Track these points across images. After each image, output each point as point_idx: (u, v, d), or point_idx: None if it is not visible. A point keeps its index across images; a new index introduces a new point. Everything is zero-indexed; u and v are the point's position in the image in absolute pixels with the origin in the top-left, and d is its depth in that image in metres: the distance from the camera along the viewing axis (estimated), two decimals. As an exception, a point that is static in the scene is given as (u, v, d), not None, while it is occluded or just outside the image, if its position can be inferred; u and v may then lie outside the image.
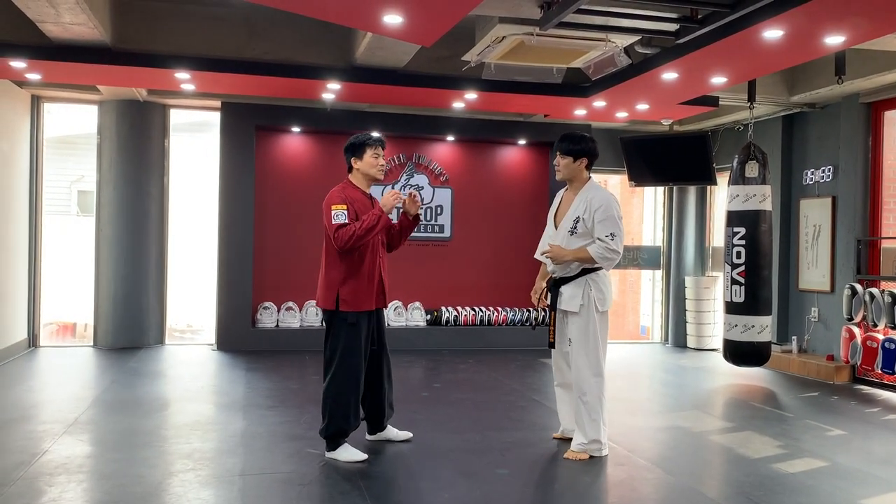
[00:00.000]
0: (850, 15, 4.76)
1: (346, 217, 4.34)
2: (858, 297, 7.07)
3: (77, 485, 3.91)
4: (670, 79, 6.57)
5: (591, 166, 4.71)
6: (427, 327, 9.27)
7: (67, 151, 12.03)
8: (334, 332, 4.45)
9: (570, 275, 4.57)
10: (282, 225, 9.10)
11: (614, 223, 4.47)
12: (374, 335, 4.59)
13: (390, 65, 7.03)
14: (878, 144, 7.52)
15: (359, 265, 4.43)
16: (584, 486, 4.15)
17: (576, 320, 4.54)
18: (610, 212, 4.48)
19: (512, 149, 9.86)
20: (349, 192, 4.51)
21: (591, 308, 4.52)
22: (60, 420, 5.23)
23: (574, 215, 4.57)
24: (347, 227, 4.31)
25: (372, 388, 4.65)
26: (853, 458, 4.73)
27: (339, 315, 4.41)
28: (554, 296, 4.61)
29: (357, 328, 4.41)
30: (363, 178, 4.58)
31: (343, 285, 4.40)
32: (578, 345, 4.54)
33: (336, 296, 4.40)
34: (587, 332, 4.53)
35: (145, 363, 7.67)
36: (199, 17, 6.95)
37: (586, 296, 4.52)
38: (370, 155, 4.52)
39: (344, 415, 4.41)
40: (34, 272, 8.50)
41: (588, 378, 4.52)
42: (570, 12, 4.70)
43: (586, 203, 4.54)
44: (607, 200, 4.52)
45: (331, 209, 4.37)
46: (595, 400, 4.52)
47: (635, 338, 11.11)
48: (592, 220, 4.48)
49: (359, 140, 4.53)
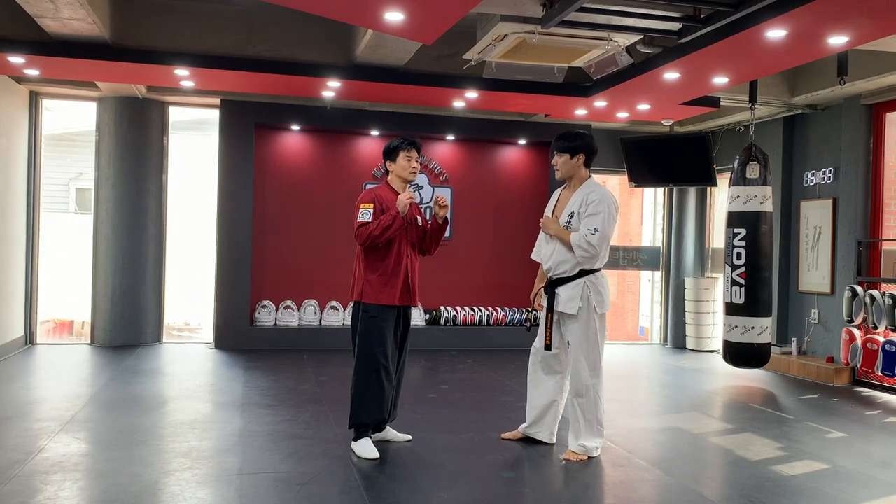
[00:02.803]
0: (855, 14, 4.74)
1: (371, 216, 4.50)
2: (859, 299, 7.05)
3: (73, 483, 3.88)
4: (672, 79, 6.55)
5: (590, 163, 4.66)
6: (426, 327, 9.24)
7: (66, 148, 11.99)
8: (358, 324, 4.57)
9: (567, 276, 4.51)
10: (281, 223, 9.07)
11: (602, 220, 4.41)
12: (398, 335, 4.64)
13: (391, 63, 7.00)
14: (880, 146, 7.50)
15: (383, 261, 4.55)
16: (583, 487, 4.13)
17: (574, 323, 4.49)
18: (601, 208, 4.43)
19: (512, 148, 9.84)
20: (381, 191, 4.66)
21: (590, 310, 4.47)
22: (57, 418, 5.20)
23: (570, 210, 4.55)
24: (366, 226, 4.48)
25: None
26: (853, 461, 4.71)
27: (361, 307, 4.55)
28: (550, 297, 4.57)
29: (377, 321, 4.48)
30: (397, 180, 4.73)
31: (367, 278, 4.54)
32: (577, 347, 4.50)
33: (361, 288, 4.55)
34: (586, 334, 4.48)
35: (143, 361, 7.64)
36: (199, 13, 6.93)
37: (585, 298, 4.47)
38: (403, 158, 4.68)
39: (364, 407, 4.46)
40: (31, 269, 8.47)
41: (587, 380, 4.49)
42: (573, 10, 4.67)
43: (583, 198, 4.51)
44: (605, 198, 4.47)
45: (359, 208, 4.55)
46: (592, 402, 4.50)
47: (634, 339, 11.09)
48: (585, 213, 4.46)
49: (393, 144, 4.71)
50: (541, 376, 4.75)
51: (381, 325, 4.48)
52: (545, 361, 4.71)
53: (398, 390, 4.76)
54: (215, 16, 6.95)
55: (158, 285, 8.88)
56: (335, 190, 9.15)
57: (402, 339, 4.67)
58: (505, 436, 4.92)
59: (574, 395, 4.53)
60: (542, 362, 4.73)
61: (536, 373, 4.77)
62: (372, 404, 4.45)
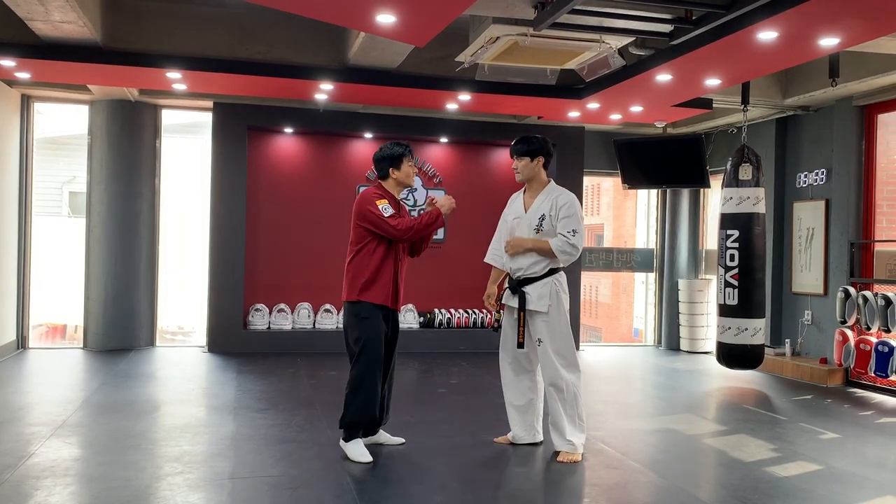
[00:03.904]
0: (846, 16, 4.75)
1: (392, 209, 4.52)
2: (852, 300, 7.07)
3: (63, 488, 3.85)
4: (664, 80, 6.56)
5: (548, 165, 4.76)
6: (420, 329, 9.23)
7: (59, 152, 11.96)
8: (352, 324, 4.55)
9: (536, 275, 4.59)
10: (274, 226, 9.05)
11: (577, 221, 4.56)
12: (387, 337, 4.61)
13: (383, 65, 7.00)
14: (872, 147, 7.52)
15: (379, 261, 4.53)
16: (576, 489, 4.12)
17: (545, 320, 4.56)
18: (573, 210, 4.58)
19: (505, 151, 9.81)
20: (383, 191, 4.66)
21: (559, 307, 4.57)
22: (48, 423, 5.17)
23: (539, 213, 4.62)
24: (406, 220, 4.52)
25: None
26: (847, 462, 4.71)
27: (355, 306, 4.53)
28: (521, 297, 4.60)
29: (369, 322, 4.47)
30: (396, 186, 4.73)
31: (363, 278, 4.52)
32: (549, 344, 4.55)
33: (353, 287, 4.53)
34: (557, 330, 4.57)
35: (135, 365, 7.60)
36: (192, 16, 6.91)
37: (555, 295, 4.57)
38: (407, 164, 4.71)
39: (357, 407, 4.43)
40: (23, 273, 8.42)
41: (564, 375, 4.53)
42: (564, 13, 4.67)
43: (552, 201, 4.61)
44: (572, 200, 4.63)
45: (375, 204, 4.50)
46: (572, 396, 4.55)
47: (628, 340, 11.11)
48: (557, 216, 4.55)
49: (397, 152, 4.68)
50: (512, 378, 4.79)
51: (376, 326, 4.48)
52: (516, 362, 4.76)
53: (389, 393, 4.75)
54: (207, 18, 6.94)
55: (151, 289, 8.85)
56: (328, 193, 9.13)
57: (391, 343, 4.65)
58: (497, 440, 4.92)
59: (554, 390, 4.55)
60: (513, 363, 4.77)
61: (507, 375, 4.81)
62: (366, 404, 4.43)
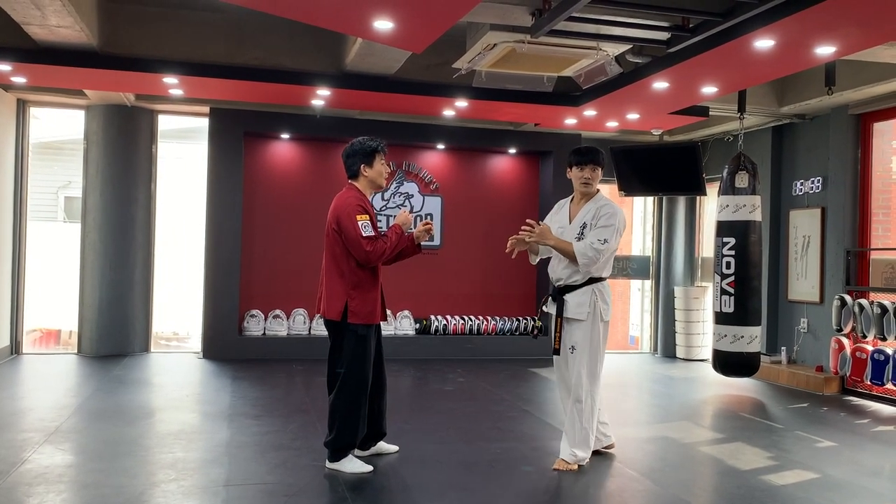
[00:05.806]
0: (842, 25, 4.76)
1: (372, 229, 4.25)
2: (848, 308, 7.07)
3: (56, 495, 3.82)
4: (661, 88, 6.57)
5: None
6: (416, 336, 9.21)
7: (54, 157, 11.92)
8: (342, 345, 4.35)
9: (577, 283, 4.58)
10: (270, 232, 9.04)
11: (612, 233, 4.51)
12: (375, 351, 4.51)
13: (380, 71, 7.00)
14: (867, 155, 7.54)
15: (367, 276, 4.34)
16: (572, 497, 4.10)
17: (580, 328, 4.55)
18: (612, 221, 4.53)
19: (502, 157, 9.84)
20: (364, 201, 4.38)
21: (596, 317, 4.57)
22: (41, 429, 5.14)
23: (582, 221, 4.61)
24: (379, 243, 4.24)
25: (370, 407, 4.52)
26: (843, 470, 4.70)
27: (349, 327, 4.30)
28: (560, 304, 4.60)
29: (366, 340, 4.34)
30: (369, 185, 4.48)
31: (352, 296, 4.29)
32: (581, 352, 4.55)
33: (344, 307, 4.28)
34: (591, 340, 4.56)
35: (130, 371, 7.57)
36: (188, 21, 6.91)
37: (592, 304, 4.57)
38: (379, 162, 4.44)
39: (353, 428, 4.32)
40: (18, 278, 8.40)
41: (586, 385, 4.53)
42: (562, 20, 4.68)
43: (596, 210, 4.60)
44: (617, 213, 4.58)
45: (354, 219, 4.23)
46: (589, 409, 4.53)
47: (624, 348, 11.08)
48: (596, 224, 4.54)
49: (370, 147, 4.40)
50: (560, 383, 4.80)
51: (369, 345, 4.36)
52: (559, 369, 4.76)
53: (384, 404, 4.67)
54: (204, 24, 6.93)
55: (146, 294, 8.81)
56: (324, 199, 8.96)
57: (378, 354, 4.55)
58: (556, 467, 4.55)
59: (574, 399, 4.54)
60: (558, 370, 4.78)
61: (563, 391, 4.79)
62: (359, 425, 4.35)
